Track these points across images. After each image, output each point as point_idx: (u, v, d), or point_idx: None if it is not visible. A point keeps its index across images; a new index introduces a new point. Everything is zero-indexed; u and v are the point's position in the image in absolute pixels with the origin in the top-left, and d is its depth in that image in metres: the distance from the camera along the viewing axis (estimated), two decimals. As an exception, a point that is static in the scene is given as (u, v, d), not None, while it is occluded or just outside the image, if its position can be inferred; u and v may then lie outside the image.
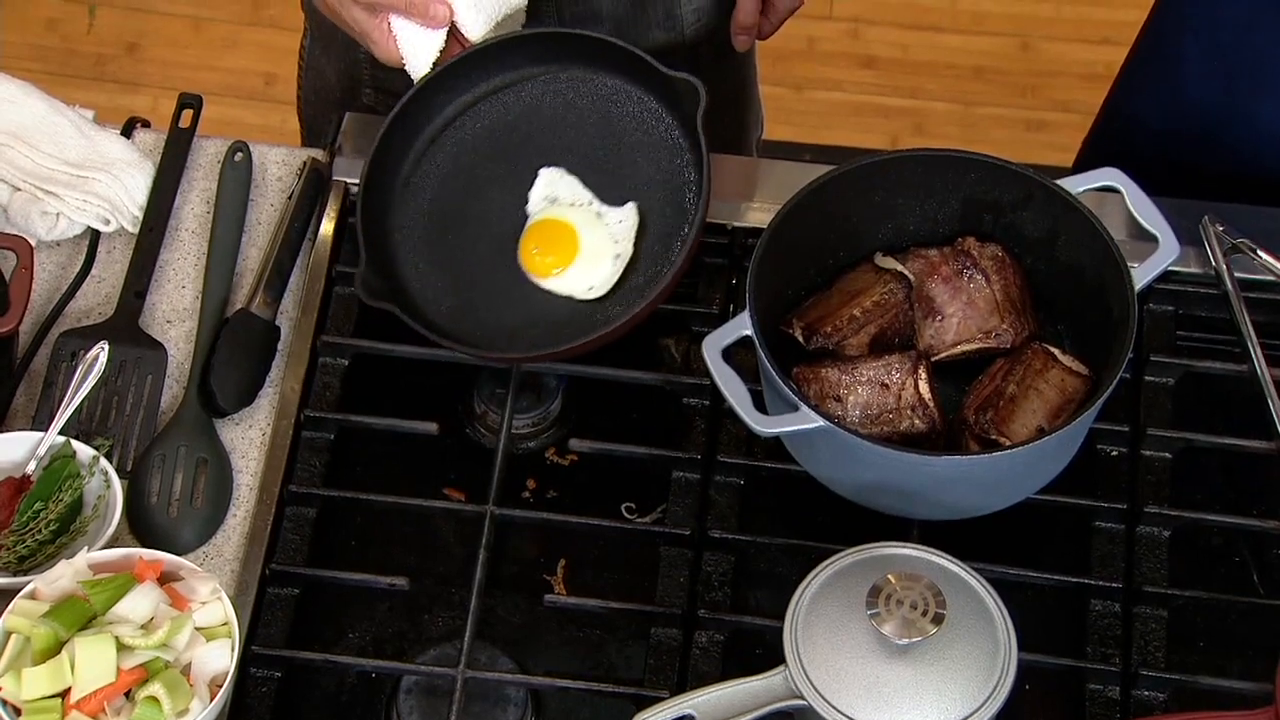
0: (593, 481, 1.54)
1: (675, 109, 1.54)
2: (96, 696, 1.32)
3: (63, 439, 1.46)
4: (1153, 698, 1.41)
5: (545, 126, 1.58)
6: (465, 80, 1.57)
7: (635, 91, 1.56)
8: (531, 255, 1.54)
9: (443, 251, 1.55)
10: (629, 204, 1.54)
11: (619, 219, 1.54)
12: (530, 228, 1.55)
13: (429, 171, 1.57)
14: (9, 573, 1.41)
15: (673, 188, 1.53)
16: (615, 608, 1.45)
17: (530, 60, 1.57)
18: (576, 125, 1.57)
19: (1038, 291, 1.51)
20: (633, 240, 1.53)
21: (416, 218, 1.56)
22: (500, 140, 1.58)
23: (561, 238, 1.54)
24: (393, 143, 1.55)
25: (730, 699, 1.32)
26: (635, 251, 1.53)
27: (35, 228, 1.59)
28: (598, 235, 1.53)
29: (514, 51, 1.57)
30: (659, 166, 1.54)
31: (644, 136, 1.56)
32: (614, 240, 1.53)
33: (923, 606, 1.28)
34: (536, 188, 1.56)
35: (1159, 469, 1.50)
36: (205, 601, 1.38)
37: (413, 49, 1.53)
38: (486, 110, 1.58)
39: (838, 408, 1.44)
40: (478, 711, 1.42)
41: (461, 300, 1.53)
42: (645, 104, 1.56)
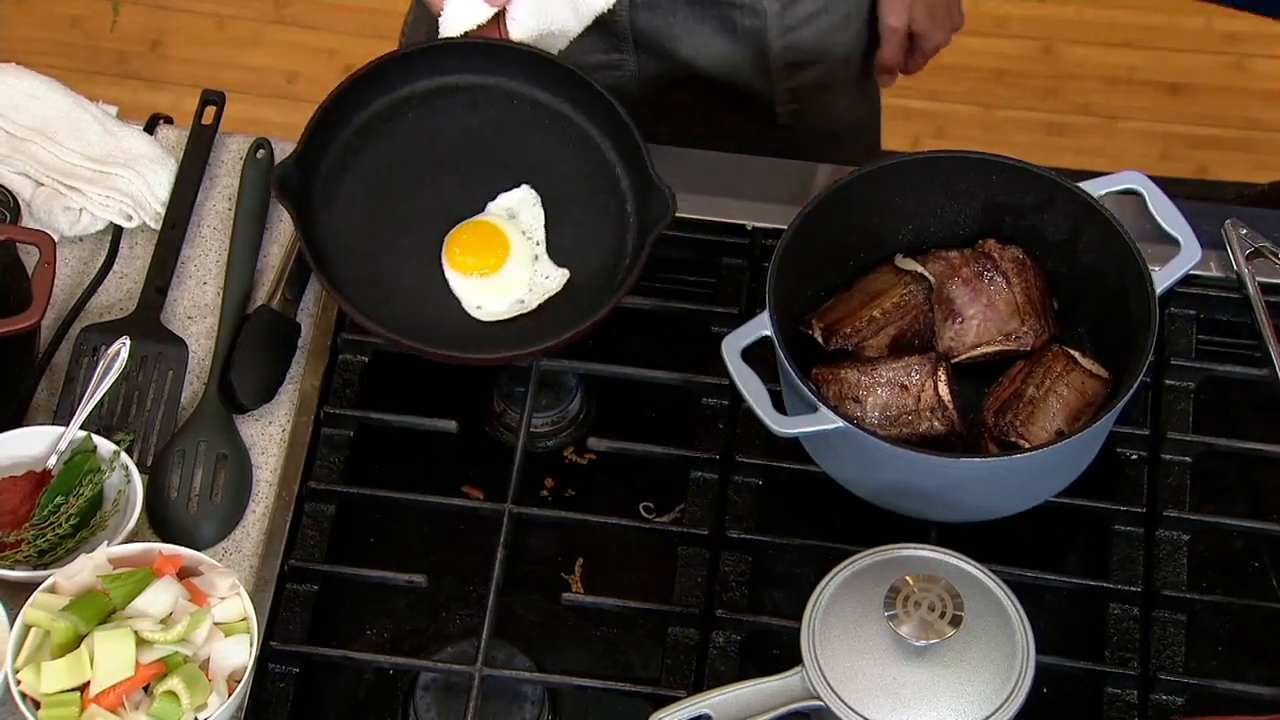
0: (611, 480, 1.54)
1: (645, 210, 1.53)
2: (115, 690, 1.32)
3: (84, 433, 1.46)
4: (1171, 702, 1.40)
5: (507, 145, 1.58)
6: (433, 68, 1.57)
7: (611, 157, 1.56)
8: (462, 240, 1.54)
9: (369, 215, 1.55)
10: (563, 271, 1.54)
11: (546, 275, 1.54)
12: (477, 220, 1.55)
13: (379, 148, 1.57)
14: (29, 566, 1.41)
15: (604, 268, 1.53)
16: (633, 607, 1.45)
17: (509, 73, 1.57)
18: (539, 156, 1.57)
19: (1058, 294, 1.51)
20: (543, 298, 1.53)
21: (352, 190, 1.55)
22: (457, 142, 1.58)
23: (494, 249, 1.53)
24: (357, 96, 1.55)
25: (747, 699, 1.31)
26: (537, 308, 1.53)
27: (58, 223, 1.60)
28: (519, 273, 1.53)
29: (492, 58, 1.57)
30: (599, 241, 1.54)
31: (597, 191, 1.56)
32: (529, 288, 1.53)
33: (940, 608, 1.28)
34: (508, 196, 1.56)
35: (1179, 473, 1.49)
36: (224, 597, 1.38)
37: (456, 7, 1.54)
38: (451, 107, 1.58)
39: (857, 409, 1.44)
40: (495, 709, 1.42)
41: (370, 260, 1.53)
42: (606, 160, 1.56)
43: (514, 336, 1.52)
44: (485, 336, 1.52)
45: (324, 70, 2.97)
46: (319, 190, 1.53)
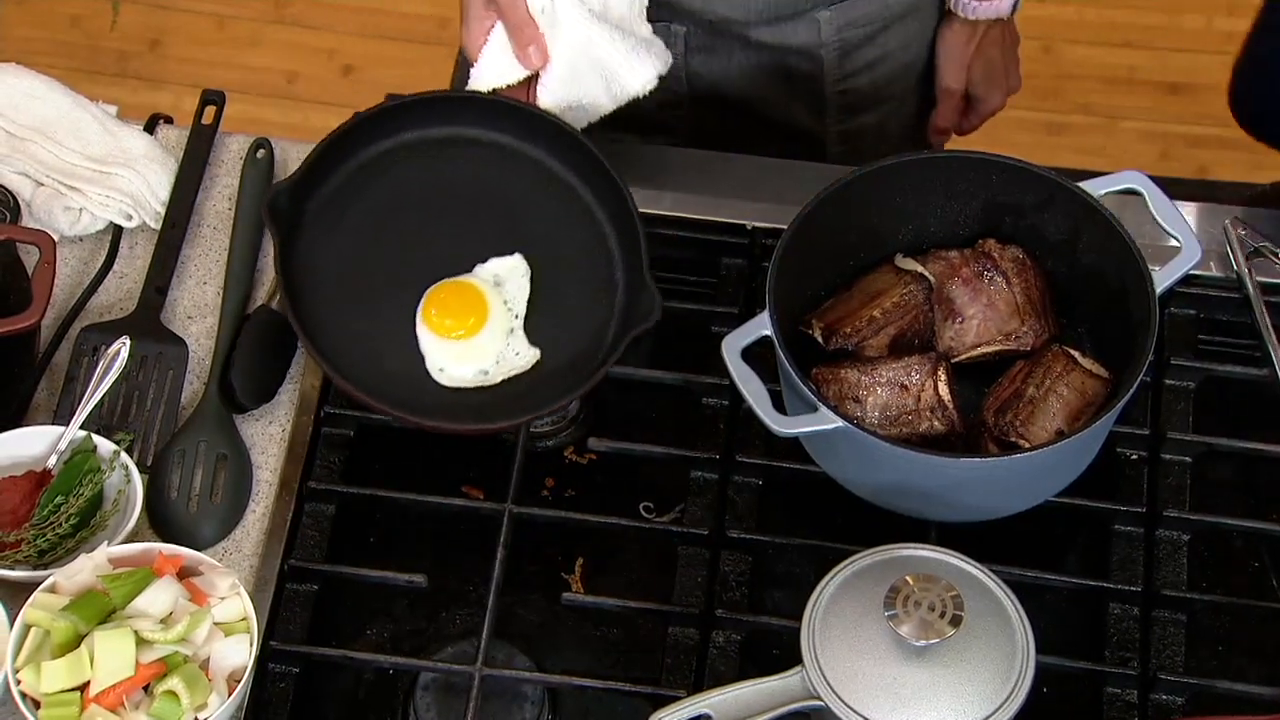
0: (611, 480, 1.54)
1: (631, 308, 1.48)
2: (115, 690, 1.32)
3: (84, 433, 1.46)
4: (1171, 701, 1.40)
5: (510, 210, 1.54)
6: (453, 117, 1.54)
7: (612, 245, 1.52)
8: (441, 298, 1.49)
9: (353, 255, 1.51)
10: (535, 350, 1.50)
11: (517, 352, 1.50)
12: (460, 281, 1.51)
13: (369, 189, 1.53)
14: (29, 566, 1.41)
15: (577, 356, 1.49)
16: (633, 607, 1.45)
17: (528, 138, 1.54)
18: (539, 227, 1.53)
19: (1058, 294, 1.51)
20: (508, 374, 1.49)
21: (343, 226, 1.51)
22: (459, 196, 1.54)
23: (471, 314, 1.49)
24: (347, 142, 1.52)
25: (747, 699, 1.31)
26: (499, 382, 1.49)
27: (58, 223, 1.60)
28: (490, 344, 1.49)
29: (515, 119, 1.54)
30: (578, 328, 1.50)
31: (589, 277, 1.52)
32: (496, 360, 1.49)
33: (940, 608, 1.28)
34: (499, 261, 1.52)
35: (1179, 473, 1.49)
36: (224, 597, 1.38)
37: (490, 62, 1.52)
38: (462, 160, 1.54)
39: (857, 409, 1.44)
40: (495, 709, 1.42)
41: (342, 300, 1.49)
42: (606, 248, 1.53)
43: (467, 405, 1.47)
44: (441, 399, 1.47)
45: (324, 70, 2.97)
46: (309, 220, 1.50)
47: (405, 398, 1.45)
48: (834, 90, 1.72)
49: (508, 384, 1.49)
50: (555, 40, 1.51)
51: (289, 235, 1.47)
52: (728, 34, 1.68)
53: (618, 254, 1.52)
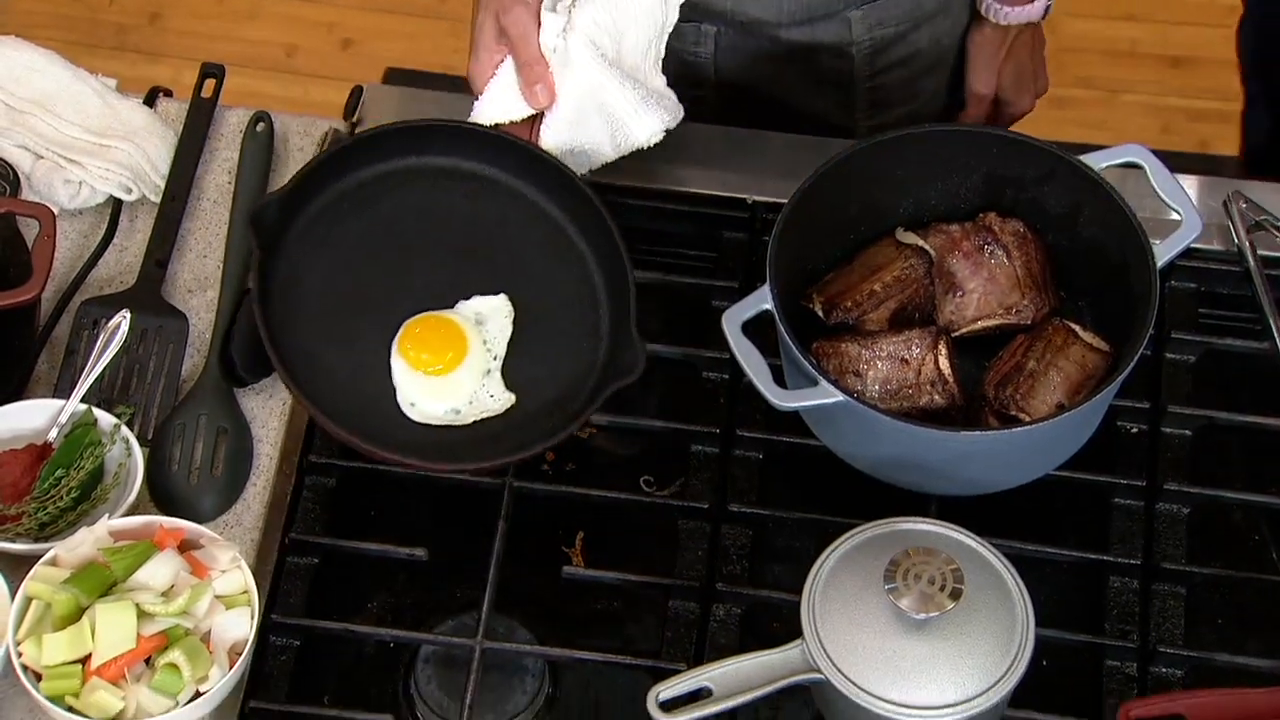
0: (612, 454, 1.54)
1: (614, 360, 1.45)
2: (117, 663, 1.32)
3: (84, 406, 1.46)
4: (1170, 674, 1.41)
5: (501, 248, 1.51)
6: (451, 148, 1.51)
7: (601, 296, 1.50)
8: (419, 332, 1.46)
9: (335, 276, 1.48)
10: (510, 395, 1.46)
11: (492, 394, 1.46)
12: (441, 315, 1.48)
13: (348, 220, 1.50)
14: (30, 539, 1.41)
15: (552, 404, 1.46)
16: (633, 580, 1.45)
17: (526, 177, 1.52)
18: (528, 269, 1.51)
19: (1059, 267, 1.51)
20: (480, 415, 1.46)
21: (329, 246, 1.49)
22: (450, 229, 1.51)
23: (449, 350, 1.46)
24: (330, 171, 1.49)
25: (747, 672, 1.32)
26: (470, 423, 1.46)
27: (58, 195, 1.59)
28: (465, 383, 1.46)
29: (514, 157, 1.51)
30: (557, 375, 1.47)
31: (574, 325, 1.49)
32: (469, 400, 1.46)
33: (940, 582, 1.28)
34: (483, 300, 1.49)
35: (1179, 446, 1.49)
36: (225, 570, 1.38)
37: (494, 96, 1.51)
38: (455, 192, 1.51)
39: (857, 382, 1.44)
40: (495, 682, 1.42)
41: (318, 321, 1.46)
42: (594, 297, 1.50)
43: (435, 443, 1.44)
44: (409, 434, 1.44)
45: (323, 44, 2.96)
46: (295, 236, 1.47)
47: (371, 428, 1.41)
48: (864, 86, 1.71)
49: (479, 425, 1.46)
50: (564, 81, 1.49)
51: (271, 248, 1.44)
52: (759, 33, 1.67)
53: (605, 304, 1.49)
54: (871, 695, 1.28)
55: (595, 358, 1.48)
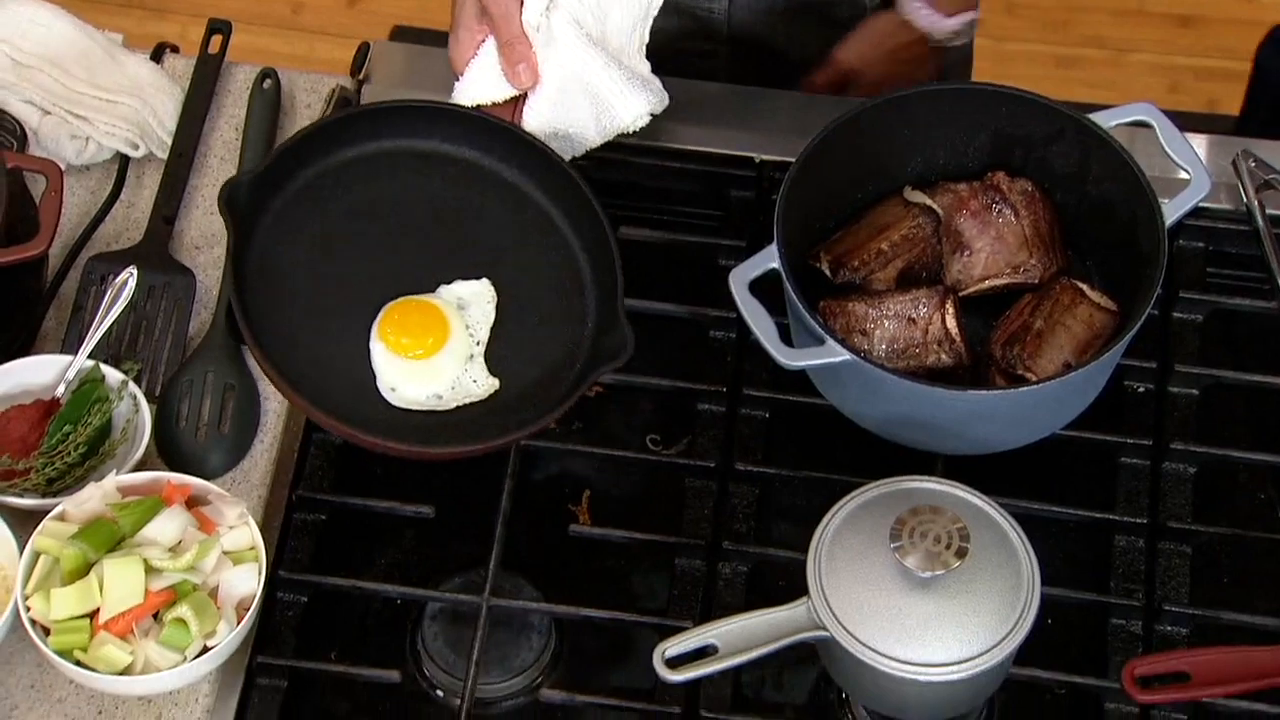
0: (618, 413, 1.54)
1: (600, 345, 1.43)
2: (125, 617, 1.33)
3: (92, 362, 1.46)
4: (1176, 633, 1.41)
5: (482, 232, 1.48)
6: (432, 130, 1.49)
7: (586, 279, 1.47)
8: (399, 316, 1.44)
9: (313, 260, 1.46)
10: (494, 381, 1.44)
11: (475, 379, 1.44)
12: (422, 300, 1.45)
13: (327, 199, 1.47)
14: (38, 494, 1.42)
15: (536, 389, 1.44)
16: (639, 538, 1.46)
17: (507, 159, 1.49)
18: (511, 253, 1.48)
19: (1067, 227, 1.51)
20: (462, 401, 1.43)
21: (305, 229, 1.46)
22: (430, 212, 1.48)
23: (431, 334, 1.43)
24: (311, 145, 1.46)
25: (753, 629, 1.32)
26: (452, 408, 1.43)
27: (65, 151, 1.59)
28: (448, 368, 1.44)
29: (495, 138, 1.49)
30: (541, 361, 1.45)
31: (559, 309, 1.46)
32: (451, 386, 1.43)
33: (946, 540, 1.28)
34: (465, 285, 1.47)
35: (1185, 405, 1.49)
36: (233, 526, 1.39)
37: (476, 76, 1.48)
38: (435, 175, 1.49)
39: (864, 341, 1.44)
40: (502, 639, 1.43)
41: (296, 304, 1.44)
42: (579, 280, 1.47)
43: (416, 428, 1.41)
44: (390, 419, 1.41)
45: (330, 1, 2.95)
46: (270, 219, 1.44)
47: (352, 413, 1.39)
48: None
49: (461, 410, 1.43)
50: (547, 61, 1.47)
51: (246, 231, 1.42)
52: None
53: (591, 288, 1.47)
54: (876, 653, 1.28)
55: (581, 342, 1.46)
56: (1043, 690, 1.41)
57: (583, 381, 1.40)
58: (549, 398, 1.42)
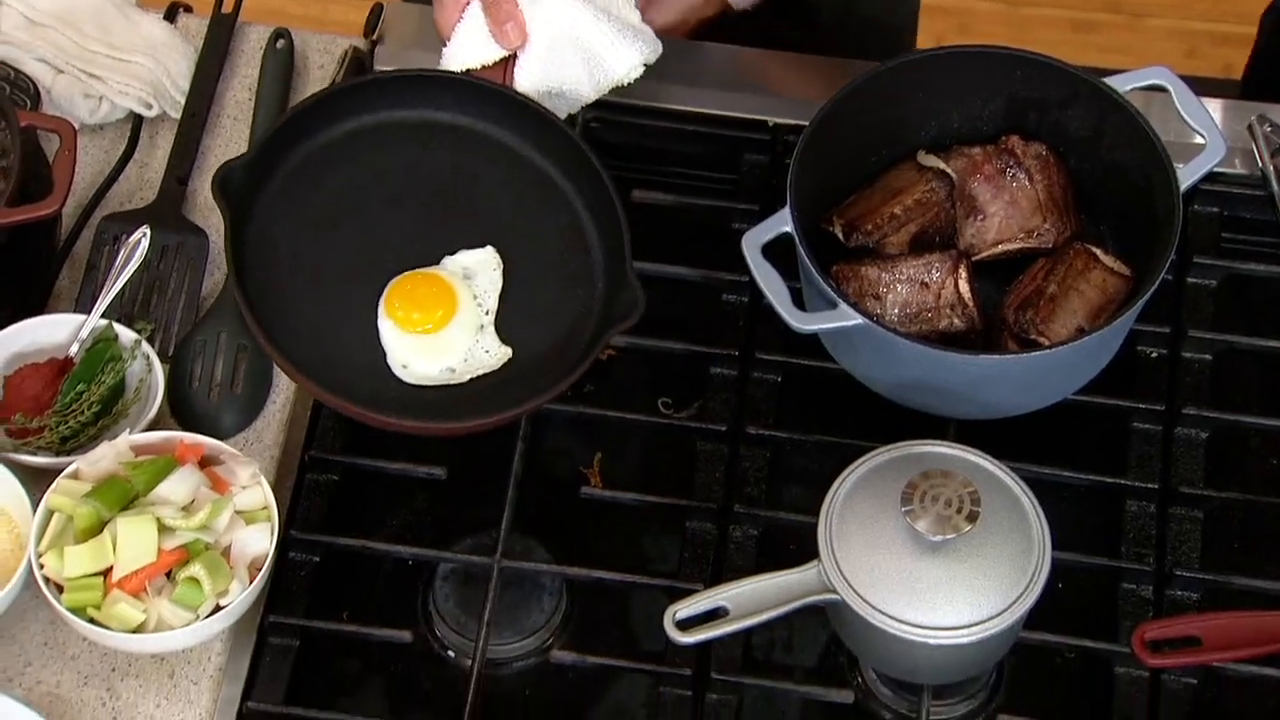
0: (630, 376, 1.54)
1: (611, 306, 1.42)
2: (138, 575, 1.33)
3: (105, 322, 1.46)
4: (1186, 597, 1.41)
5: (483, 199, 1.47)
6: (422, 99, 1.46)
7: (592, 240, 1.45)
8: (406, 290, 1.42)
9: (313, 238, 1.44)
10: (506, 350, 1.42)
11: (487, 350, 1.42)
12: (427, 273, 1.44)
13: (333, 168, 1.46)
14: (51, 453, 1.42)
15: (550, 355, 1.42)
16: (650, 501, 1.46)
17: (502, 123, 1.47)
18: (514, 219, 1.46)
19: (1081, 191, 1.50)
20: (476, 372, 1.42)
21: (303, 207, 1.45)
22: (428, 183, 1.47)
23: (439, 307, 1.42)
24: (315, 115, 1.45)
25: (763, 592, 1.32)
26: (467, 380, 1.42)
27: (78, 110, 1.59)
28: (459, 340, 1.42)
29: (489, 102, 1.46)
30: (553, 326, 1.43)
31: (566, 272, 1.44)
32: (464, 358, 1.42)
33: (957, 504, 1.28)
34: (469, 254, 1.45)
35: (1199, 371, 1.49)
36: (245, 486, 1.39)
37: (463, 40, 1.46)
38: (431, 144, 1.47)
39: (876, 306, 1.44)
40: (513, 600, 1.43)
41: (299, 285, 1.42)
42: (584, 241, 1.45)
43: (432, 404, 1.40)
44: (404, 397, 1.40)
45: (343, -38, 2.94)
46: (265, 201, 1.43)
47: (366, 394, 1.37)
48: None
49: (476, 382, 1.41)
50: (535, 18, 1.45)
51: (242, 215, 1.40)
52: None
53: (598, 247, 1.45)
54: (887, 616, 1.28)
55: (591, 304, 1.44)
56: (1053, 654, 1.41)
57: (596, 343, 1.39)
58: (563, 362, 1.41)
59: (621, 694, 1.42)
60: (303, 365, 1.37)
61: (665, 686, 1.39)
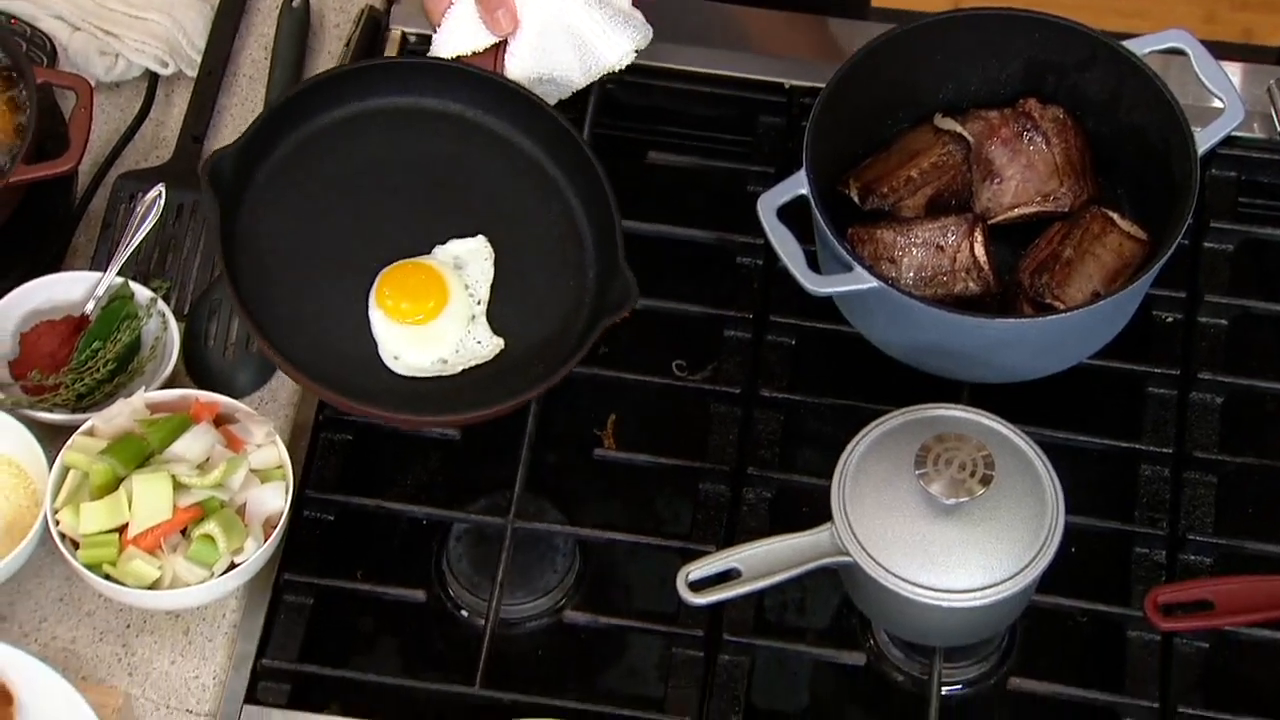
0: (644, 338, 1.53)
1: (603, 296, 1.41)
2: (153, 532, 1.34)
3: (121, 280, 1.47)
4: (1199, 562, 1.41)
5: (474, 188, 1.45)
6: (412, 86, 1.45)
7: (584, 229, 1.44)
8: (397, 280, 1.41)
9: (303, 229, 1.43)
10: (498, 340, 1.41)
11: (479, 340, 1.41)
12: (418, 262, 1.42)
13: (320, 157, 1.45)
14: (67, 410, 1.42)
15: (542, 346, 1.41)
16: (664, 463, 1.46)
17: (493, 110, 1.46)
18: (505, 207, 1.45)
19: (1099, 154, 1.50)
20: (468, 363, 1.41)
21: (292, 197, 1.44)
22: (419, 171, 1.45)
23: (430, 297, 1.40)
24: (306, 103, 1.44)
25: (776, 554, 1.32)
26: (459, 372, 1.41)
27: (94, 68, 1.59)
28: (450, 331, 1.41)
29: (479, 90, 1.45)
30: (545, 316, 1.42)
31: (558, 262, 1.43)
32: (456, 349, 1.41)
33: (971, 467, 1.28)
34: (460, 243, 1.44)
35: (1214, 335, 1.49)
36: (260, 444, 1.39)
37: (454, 26, 1.45)
38: (422, 132, 1.46)
39: (892, 269, 1.44)
40: (526, 560, 1.43)
41: (289, 277, 1.41)
42: (576, 230, 1.44)
43: (424, 395, 1.38)
44: (396, 388, 1.39)
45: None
46: (256, 190, 1.41)
47: (357, 386, 1.36)
48: None
49: (468, 374, 1.41)
50: (526, 5, 1.44)
51: (233, 205, 1.39)
52: None
53: (590, 237, 1.44)
54: (899, 578, 1.28)
55: (583, 294, 1.43)
56: (1065, 618, 1.41)
57: (589, 333, 1.38)
58: (556, 353, 1.40)
59: (633, 655, 1.43)
60: (294, 357, 1.35)
61: (677, 647, 1.39)
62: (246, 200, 1.42)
